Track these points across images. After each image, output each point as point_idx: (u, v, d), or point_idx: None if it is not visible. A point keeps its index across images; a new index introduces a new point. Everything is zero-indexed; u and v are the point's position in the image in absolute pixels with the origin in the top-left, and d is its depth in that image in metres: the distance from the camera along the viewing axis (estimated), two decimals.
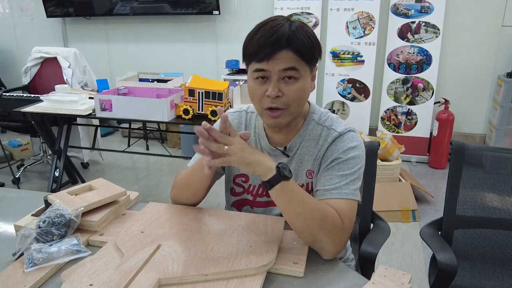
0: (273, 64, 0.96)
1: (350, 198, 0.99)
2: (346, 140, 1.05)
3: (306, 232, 0.95)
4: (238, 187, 1.20)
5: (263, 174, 0.92)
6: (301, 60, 0.97)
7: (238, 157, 0.90)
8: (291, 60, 0.96)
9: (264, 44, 0.95)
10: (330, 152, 1.05)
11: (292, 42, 0.94)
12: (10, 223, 1.13)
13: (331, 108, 3.83)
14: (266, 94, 0.98)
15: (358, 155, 1.04)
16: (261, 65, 0.97)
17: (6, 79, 4.76)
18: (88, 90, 3.02)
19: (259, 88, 1.00)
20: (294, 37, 0.95)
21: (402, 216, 2.67)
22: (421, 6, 3.43)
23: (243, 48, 1.01)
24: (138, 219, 1.08)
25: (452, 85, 3.62)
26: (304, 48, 0.96)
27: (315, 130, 1.09)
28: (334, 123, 1.09)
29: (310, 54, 0.98)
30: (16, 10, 4.67)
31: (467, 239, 1.43)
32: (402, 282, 0.86)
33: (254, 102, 1.04)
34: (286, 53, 0.95)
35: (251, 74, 1.01)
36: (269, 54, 0.95)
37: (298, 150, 1.10)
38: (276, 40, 0.94)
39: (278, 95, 0.98)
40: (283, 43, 0.94)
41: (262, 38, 0.95)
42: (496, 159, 1.38)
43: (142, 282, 0.82)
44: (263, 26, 0.97)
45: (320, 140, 1.08)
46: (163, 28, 4.27)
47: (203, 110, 2.33)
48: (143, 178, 3.47)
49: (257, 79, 1.00)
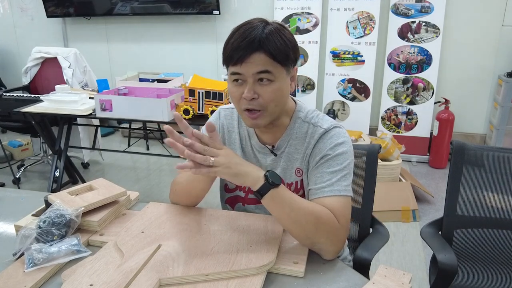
0: (247, 67, 0.96)
1: (343, 195, 1.00)
2: (333, 136, 1.05)
3: (303, 236, 0.95)
4: (231, 183, 1.20)
5: (251, 184, 0.92)
6: (274, 62, 0.97)
7: (225, 168, 0.90)
8: (264, 62, 0.96)
9: (237, 47, 0.95)
10: (318, 149, 1.06)
11: (264, 44, 0.95)
12: (10, 223, 1.13)
13: (331, 108, 3.83)
14: (242, 96, 0.99)
15: (346, 151, 1.04)
16: (236, 68, 0.98)
17: (6, 79, 4.76)
18: (88, 90, 3.02)
19: (236, 91, 1.01)
20: (266, 39, 0.95)
21: (403, 216, 2.67)
22: (421, 6, 3.43)
23: (222, 52, 1.02)
24: (138, 219, 1.08)
25: (452, 85, 3.62)
26: (277, 50, 0.96)
27: (302, 128, 1.10)
28: (320, 120, 1.09)
29: (284, 56, 0.98)
30: (16, 10, 4.67)
31: (467, 239, 1.43)
32: (403, 282, 0.86)
33: (234, 103, 1.05)
34: (259, 55, 0.95)
35: (229, 77, 1.02)
36: (242, 57, 0.95)
37: (286, 148, 1.11)
38: (248, 43, 0.95)
39: (253, 97, 0.98)
40: (255, 46, 0.95)
41: (235, 42, 0.96)
42: (496, 158, 1.38)
43: (142, 282, 0.82)
44: (238, 30, 0.98)
45: (306, 137, 1.09)
46: (163, 28, 4.27)
47: (203, 110, 2.33)
48: (143, 178, 3.47)
49: (234, 82, 1.01)
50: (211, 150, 0.91)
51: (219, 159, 0.90)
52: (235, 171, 0.91)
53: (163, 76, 3.05)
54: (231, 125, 1.18)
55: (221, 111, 1.21)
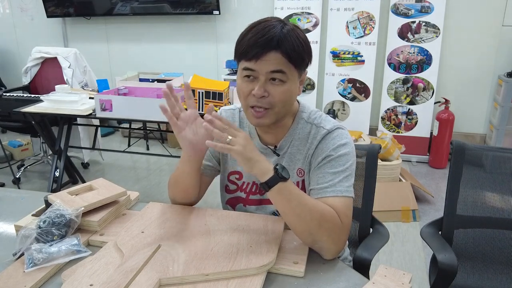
0: (261, 64, 0.96)
1: (345, 195, 1.00)
2: (336, 137, 1.05)
3: (306, 233, 0.95)
4: (232, 184, 1.20)
5: (259, 174, 0.92)
6: (289, 63, 0.97)
7: (241, 148, 0.90)
8: (279, 62, 0.96)
9: (254, 44, 0.95)
10: (320, 150, 1.06)
11: (282, 44, 0.95)
12: (10, 223, 1.13)
13: (331, 108, 3.83)
14: (252, 93, 0.99)
15: (349, 152, 1.04)
16: (249, 64, 0.97)
17: (6, 79, 4.76)
18: (88, 90, 3.02)
19: (246, 86, 1.00)
20: (285, 39, 0.95)
21: (403, 216, 2.67)
22: (421, 6, 3.43)
23: (235, 46, 1.01)
24: (138, 219, 1.08)
25: (452, 84, 3.62)
26: (294, 52, 0.96)
27: (305, 128, 1.10)
28: (322, 121, 1.09)
29: (300, 58, 0.98)
30: (16, 10, 4.67)
31: (467, 239, 1.43)
32: (403, 282, 0.86)
33: (240, 99, 1.05)
34: (275, 54, 0.95)
35: (240, 72, 1.02)
36: (258, 54, 0.95)
37: (288, 149, 1.11)
38: (266, 41, 0.94)
39: (263, 95, 0.98)
40: (273, 45, 0.95)
41: (253, 38, 0.96)
42: (496, 158, 1.38)
43: (142, 282, 0.82)
44: (255, 26, 0.98)
45: (309, 138, 1.09)
46: (163, 28, 4.27)
47: (203, 110, 2.33)
48: (143, 178, 3.47)
49: (245, 77, 1.00)
50: (230, 130, 0.92)
51: (237, 139, 0.90)
52: (249, 155, 0.91)
53: (163, 76, 3.05)
54: None
55: (222, 112, 1.21)
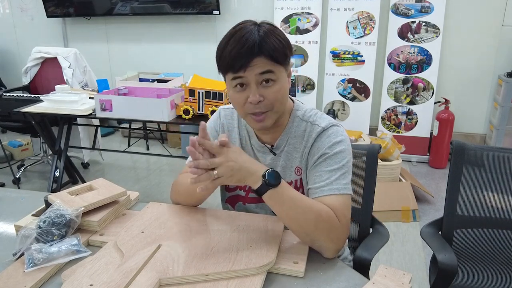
0: (249, 71, 0.97)
1: (343, 193, 1.00)
2: (331, 135, 1.06)
3: (302, 234, 0.96)
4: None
5: (251, 184, 0.94)
6: (274, 63, 0.98)
7: (229, 176, 0.92)
8: (265, 64, 0.97)
9: (237, 56, 0.96)
10: (316, 148, 1.06)
11: (263, 48, 0.95)
12: (10, 223, 1.13)
13: (331, 108, 3.83)
14: (248, 100, 0.99)
15: (345, 149, 1.05)
16: (238, 74, 0.98)
17: (6, 79, 4.76)
18: (88, 90, 3.02)
19: (240, 96, 1.01)
20: (264, 42, 0.96)
21: (403, 216, 2.67)
22: (421, 6, 3.43)
23: (216, 60, 1.01)
24: (138, 219, 1.08)
25: (452, 85, 3.61)
26: (276, 51, 0.97)
27: (300, 126, 1.11)
28: (317, 118, 1.10)
29: (283, 55, 0.99)
30: (16, 10, 4.67)
31: (467, 239, 1.43)
32: (403, 282, 0.86)
33: (237, 109, 1.06)
34: (259, 59, 0.96)
35: (229, 83, 1.02)
36: (244, 64, 0.96)
37: (285, 147, 1.12)
38: (248, 50, 0.95)
39: (259, 100, 0.99)
40: (256, 51, 0.95)
41: (233, 50, 0.96)
42: (496, 158, 1.38)
43: (142, 282, 0.82)
44: (232, 36, 0.98)
45: (305, 136, 1.09)
46: (163, 28, 4.27)
47: (203, 110, 2.33)
48: (143, 178, 3.47)
49: (236, 87, 1.01)
50: (212, 161, 0.92)
51: (221, 169, 0.91)
52: (238, 178, 0.93)
53: (163, 76, 3.05)
54: (231, 125, 1.19)
55: (221, 111, 1.22)
